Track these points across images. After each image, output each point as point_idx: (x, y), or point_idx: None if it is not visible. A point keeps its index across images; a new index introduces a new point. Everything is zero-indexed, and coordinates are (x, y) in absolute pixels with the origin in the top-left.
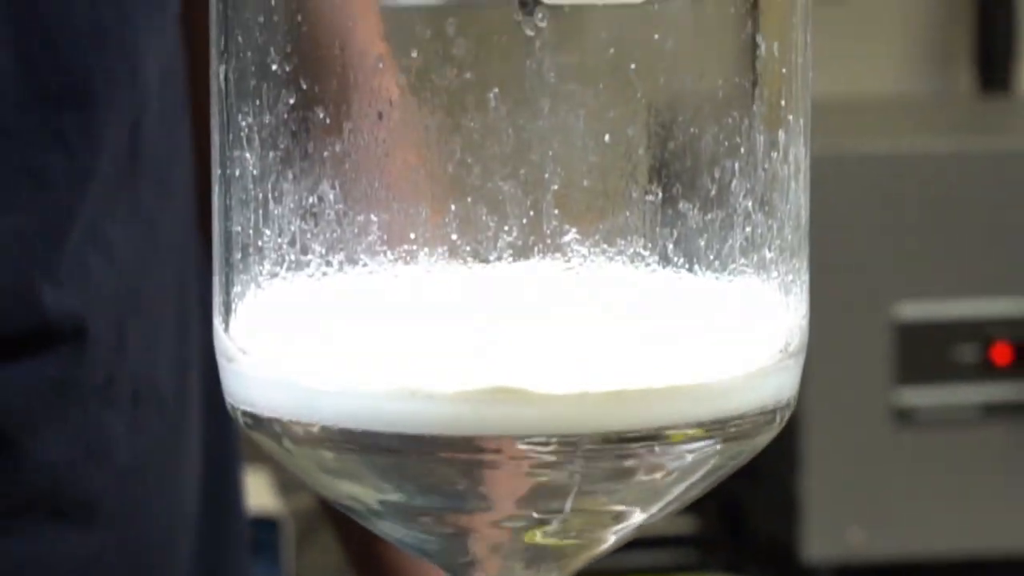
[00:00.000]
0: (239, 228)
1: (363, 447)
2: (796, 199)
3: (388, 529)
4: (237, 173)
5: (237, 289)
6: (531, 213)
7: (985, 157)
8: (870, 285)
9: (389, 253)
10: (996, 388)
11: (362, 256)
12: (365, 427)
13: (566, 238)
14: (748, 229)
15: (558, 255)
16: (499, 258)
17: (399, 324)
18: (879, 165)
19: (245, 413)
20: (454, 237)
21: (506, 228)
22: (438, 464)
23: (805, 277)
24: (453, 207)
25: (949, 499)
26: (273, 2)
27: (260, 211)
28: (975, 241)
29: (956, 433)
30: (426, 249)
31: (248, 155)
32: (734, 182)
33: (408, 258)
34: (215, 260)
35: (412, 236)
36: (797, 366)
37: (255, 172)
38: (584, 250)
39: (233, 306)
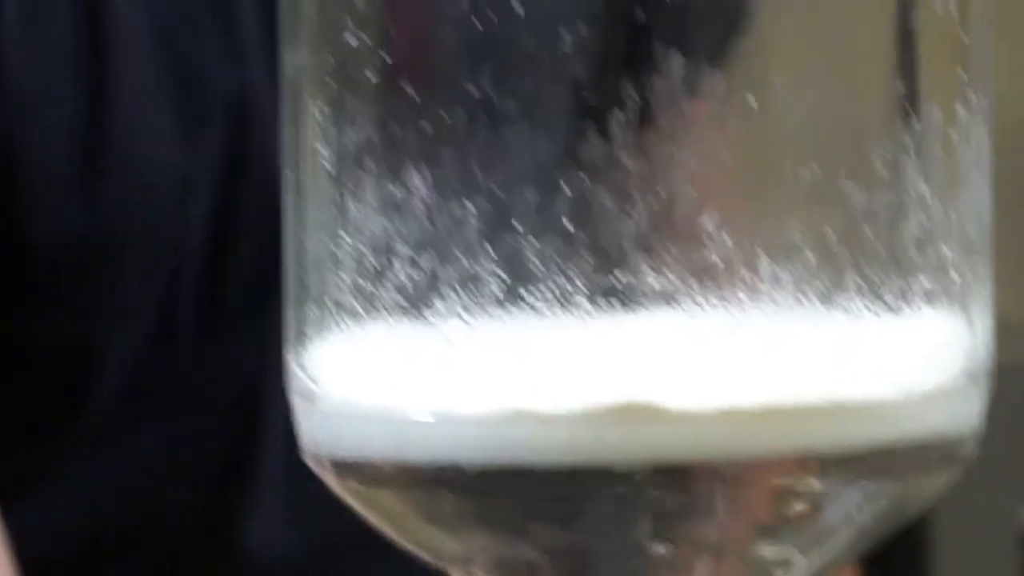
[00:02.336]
0: (315, 248)
1: (458, 482)
2: (980, 193)
3: None
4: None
5: (313, 317)
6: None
7: None
8: None
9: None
10: None
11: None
12: (459, 460)
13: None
14: (924, 218)
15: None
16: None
17: (502, 338)
18: None
19: (328, 460)
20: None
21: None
22: (552, 501)
23: (989, 290)
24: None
25: None
26: None
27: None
28: None
29: None
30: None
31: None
32: (907, 162)
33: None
34: (286, 286)
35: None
36: (980, 395)
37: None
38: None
39: (308, 338)
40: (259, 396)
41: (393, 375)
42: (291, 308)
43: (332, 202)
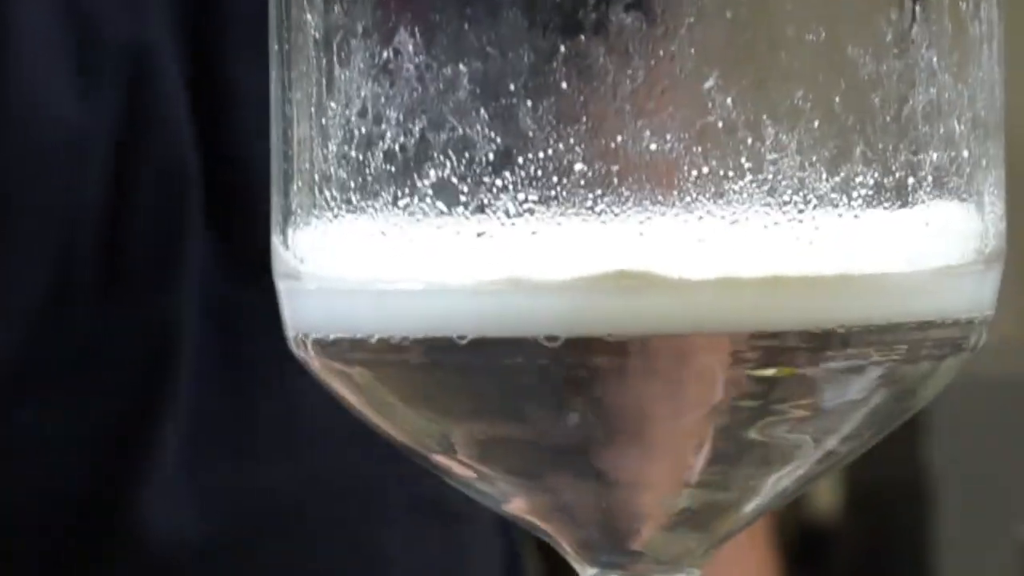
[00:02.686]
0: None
1: (449, 356)
2: (990, 70)
3: (482, 485)
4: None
5: (299, 194)
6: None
7: None
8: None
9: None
10: None
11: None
12: (452, 332)
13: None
14: (933, 90)
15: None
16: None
17: (496, 204)
18: None
19: (314, 341)
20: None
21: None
22: (545, 374)
23: (1001, 173)
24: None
25: None
26: None
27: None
28: None
29: None
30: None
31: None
32: (913, 28)
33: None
34: (273, 166)
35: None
36: (992, 279)
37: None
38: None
39: (294, 216)
40: (162, 363)
41: (382, 247)
42: (276, 188)
43: (320, 70)
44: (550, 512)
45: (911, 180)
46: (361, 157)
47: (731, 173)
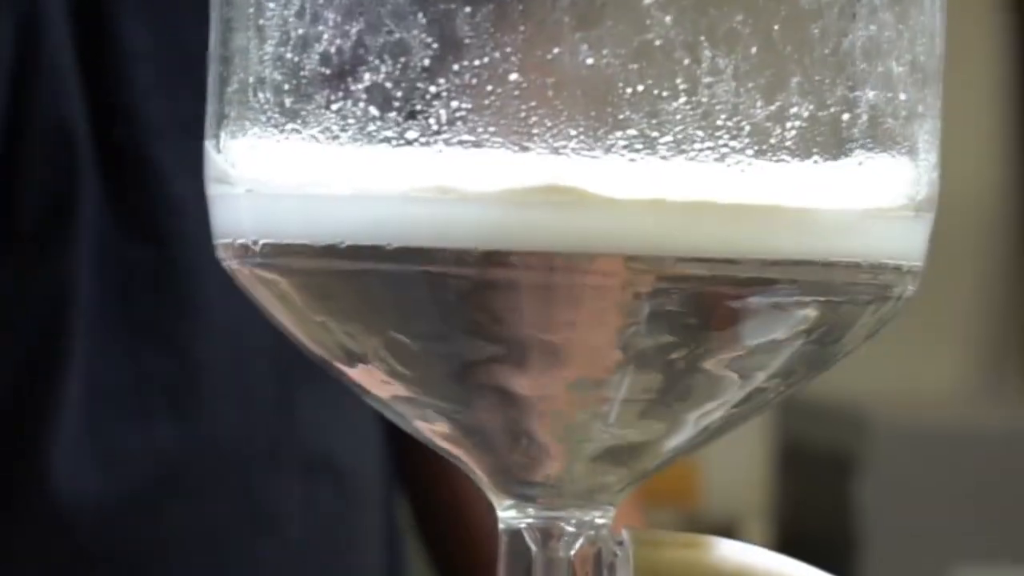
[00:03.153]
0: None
1: (374, 264)
2: (932, 17)
3: (399, 405)
4: None
5: (233, 97)
6: None
7: None
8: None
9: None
10: None
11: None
12: (379, 240)
13: None
14: (873, 27)
15: None
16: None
17: (429, 111)
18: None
19: (241, 246)
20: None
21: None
22: (468, 285)
23: (936, 123)
24: None
25: None
26: None
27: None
28: None
29: None
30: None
31: None
32: None
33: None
34: (210, 68)
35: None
36: (923, 228)
37: None
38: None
39: (228, 121)
40: (58, 324)
41: (313, 152)
42: (212, 93)
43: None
44: (466, 434)
45: (846, 116)
46: (297, 59)
47: (666, 94)
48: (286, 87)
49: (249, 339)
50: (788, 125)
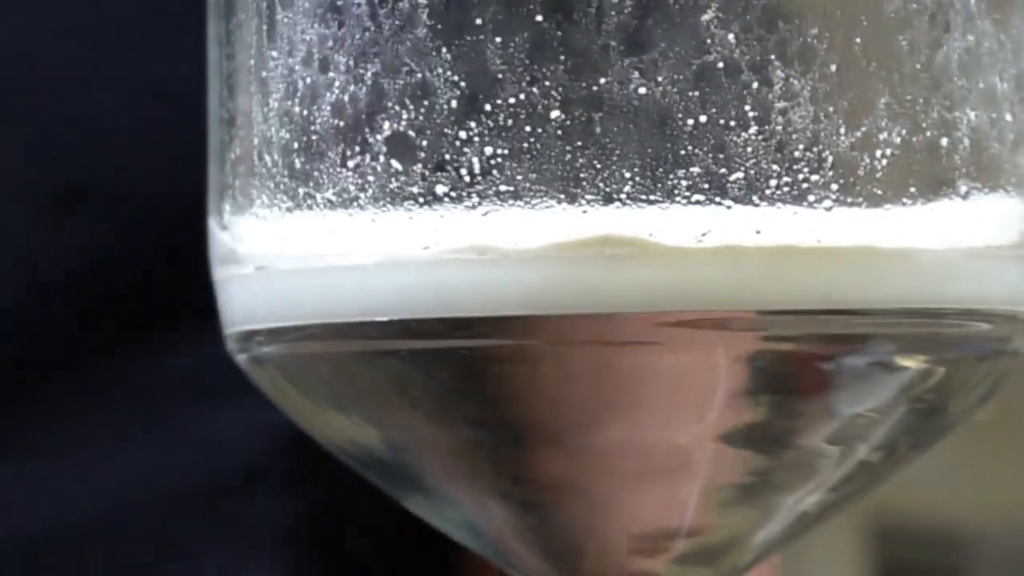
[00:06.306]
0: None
1: (403, 339)
2: None
3: (426, 505)
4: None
5: (238, 168)
6: None
7: None
8: None
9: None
10: None
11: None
12: (409, 312)
13: None
14: (970, 38)
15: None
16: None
17: (456, 162)
18: None
19: (250, 332)
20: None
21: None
22: (514, 364)
23: None
24: None
25: None
26: None
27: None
28: None
29: None
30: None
31: None
32: None
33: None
34: (211, 133)
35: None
36: None
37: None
38: None
39: (232, 191)
40: None
41: (330, 218)
42: (214, 160)
43: (260, 15)
44: (523, 537)
45: (945, 141)
46: (306, 112)
47: (733, 124)
48: (295, 145)
49: None
50: (877, 153)
